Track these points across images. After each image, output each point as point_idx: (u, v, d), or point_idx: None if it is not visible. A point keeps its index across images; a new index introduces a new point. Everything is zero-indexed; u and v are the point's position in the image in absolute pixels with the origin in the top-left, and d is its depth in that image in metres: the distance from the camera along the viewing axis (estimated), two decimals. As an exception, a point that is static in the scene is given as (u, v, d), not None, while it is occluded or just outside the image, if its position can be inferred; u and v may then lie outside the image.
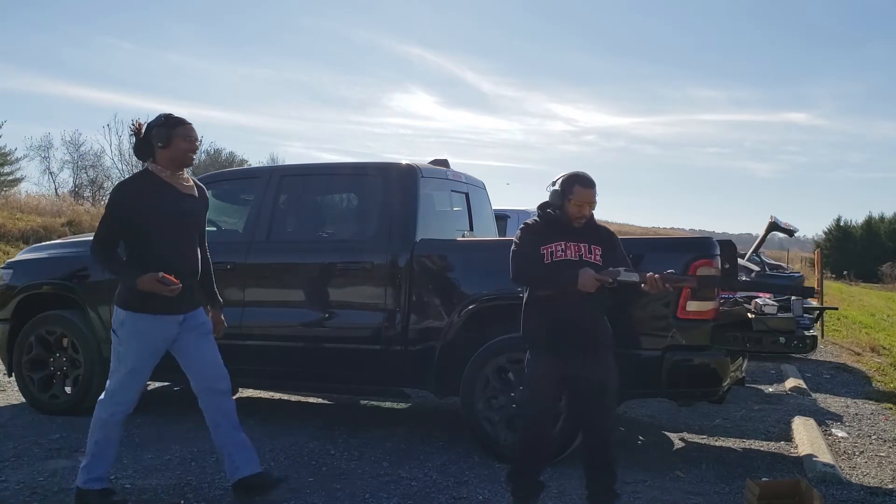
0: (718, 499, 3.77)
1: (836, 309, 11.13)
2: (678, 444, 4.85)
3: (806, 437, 4.80)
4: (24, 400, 5.31)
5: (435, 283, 4.52)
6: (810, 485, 3.57)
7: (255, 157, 56.60)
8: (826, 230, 49.54)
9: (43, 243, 6.13)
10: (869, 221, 48.72)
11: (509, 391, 4.20)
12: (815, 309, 5.66)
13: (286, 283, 4.84)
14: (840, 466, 4.34)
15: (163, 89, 71.54)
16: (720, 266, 4.20)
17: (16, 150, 34.79)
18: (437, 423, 5.16)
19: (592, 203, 3.19)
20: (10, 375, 5.44)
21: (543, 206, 3.25)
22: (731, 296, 4.64)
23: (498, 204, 6.50)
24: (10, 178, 33.96)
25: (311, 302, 4.74)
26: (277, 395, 6.01)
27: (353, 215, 5.31)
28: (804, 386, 6.78)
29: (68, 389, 5.18)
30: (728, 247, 4.44)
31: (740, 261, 6.97)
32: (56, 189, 31.90)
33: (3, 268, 5.68)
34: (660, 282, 3.08)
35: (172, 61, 70.91)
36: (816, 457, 4.37)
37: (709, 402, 4.62)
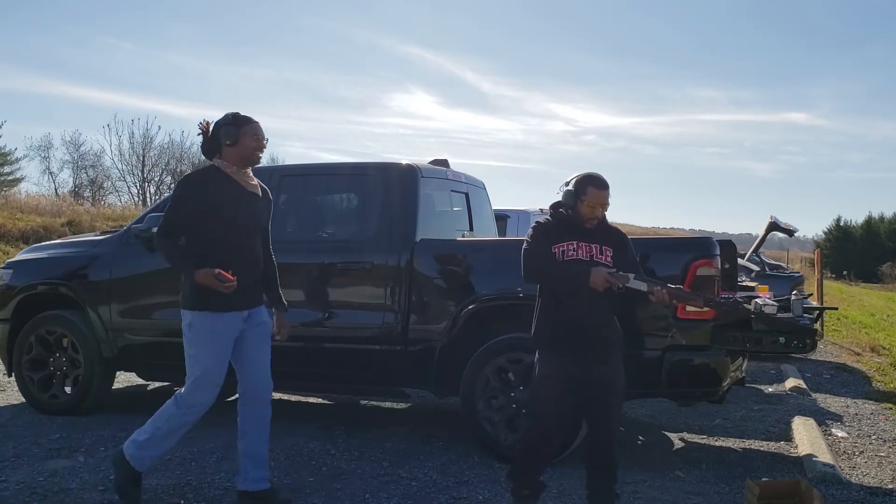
0: (718, 499, 3.77)
1: (836, 309, 11.13)
2: (678, 444, 4.85)
3: (806, 437, 4.80)
4: (24, 400, 5.31)
5: (435, 283, 4.53)
6: (810, 485, 3.57)
7: (255, 157, 56.60)
8: (826, 230, 49.59)
9: (43, 243, 6.14)
10: (869, 221, 48.74)
11: (509, 391, 4.20)
12: (816, 309, 5.65)
13: (286, 284, 4.79)
14: (840, 466, 4.34)
15: (163, 89, 71.53)
16: (720, 266, 4.20)
17: (16, 150, 34.78)
18: (437, 423, 5.16)
19: (605, 204, 3.19)
20: (10, 375, 5.44)
21: (556, 205, 3.26)
22: (731, 296, 4.63)
23: (498, 204, 6.50)
24: (10, 178, 33.94)
25: (311, 302, 4.74)
26: (277, 395, 6.00)
27: (353, 215, 5.31)
28: (804, 386, 6.78)
29: (68, 389, 5.18)
30: (728, 247, 4.45)
31: (740, 261, 6.97)
32: (56, 189, 31.92)
33: (3, 268, 5.68)
34: (667, 296, 3.09)
35: (172, 61, 70.92)
36: (816, 457, 4.37)
37: (709, 402, 4.62)
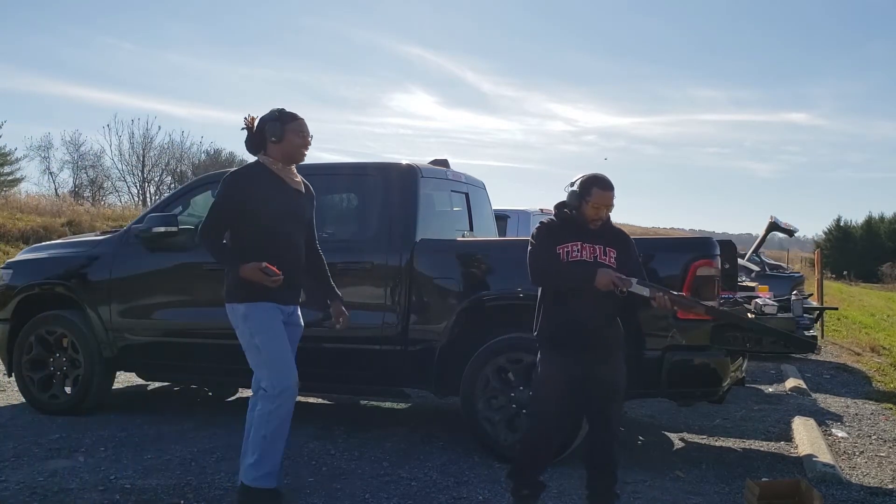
0: (718, 499, 3.77)
1: (836, 309, 11.13)
2: (678, 444, 4.85)
3: (806, 437, 4.80)
4: (24, 400, 5.31)
5: (435, 283, 4.52)
6: (810, 485, 3.56)
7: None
8: (826, 230, 49.60)
9: (43, 243, 6.14)
10: (869, 221, 48.75)
11: (509, 391, 4.20)
12: (815, 309, 5.66)
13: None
14: (840, 466, 4.34)
15: (163, 89, 71.30)
16: (720, 266, 4.20)
17: (16, 150, 34.75)
18: (437, 423, 5.16)
19: (610, 205, 3.19)
20: (10, 375, 5.44)
21: (560, 205, 3.25)
22: (731, 296, 4.63)
23: (498, 204, 6.50)
24: (10, 178, 33.92)
25: (311, 302, 4.72)
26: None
27: (353, 215, 5.30)
28: (804, 386, 6.78)
29: (68, 389, 5.18)
30: (728, 247, 4.45)
31: (740, 261, 6.98)
32: (56, 189, 31.90)
33: (3, 268, 5.68)
34: (668, 303, 3.09)
35: (172, 61, 70.69)
36: (816, 457, 4.37)
37: (709, 402, 4.62)
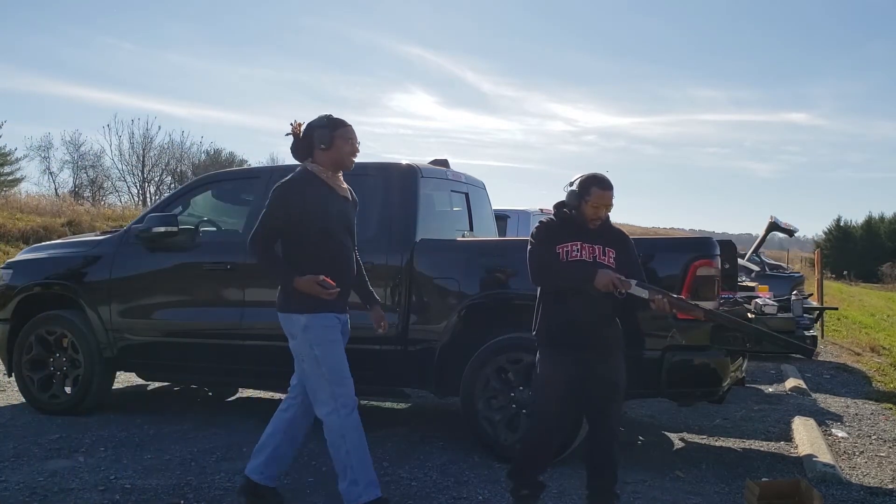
0: (718, 499, 3.77)
1: (836, 309, 11.15)
2: (678, 444, 4.85)
3: (806, 437, 4.80)
4: (24, 400, 5.31)
5: (435, 283, 4.52)
6: (810, 485, 3.56)
7: (255, 157, 56.67)
8: (826, 230, 49.69)
9: (43, 243, 6.14)
10: (869, 221, 48.82)
11: (509, 391, 4.20)
12: (815, 309, 5.67)
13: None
14: (840, 466, 4.34)
15: (163, 89, 71.38)
16: (720, 266, 4.20)
17: (16, 150, 34.76)
18: (437, 423, 5.16)
19: (609, 205, 3.19)
20: (10, 375, 5.44)
21: (559, 205, 3.25)
22: (731, 296, 4.64)
23: (498, 204, 6.50)
24: (10, 178, 33.92)
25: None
26: (278, 395, 6.01)
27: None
28: (804, 386, 6.79)
29: (68, 389, 5.18)
30: (728, 247, 4.45)
31: (740, 261, 6.98)
32: (56, 189, 31.90)
33: (3, 268, 5.68)
34: (667, 306, 3.09)
35: (172, 61, 70.74)
36: (816, 457, 4.37)
37: (709, 402, 4.62)
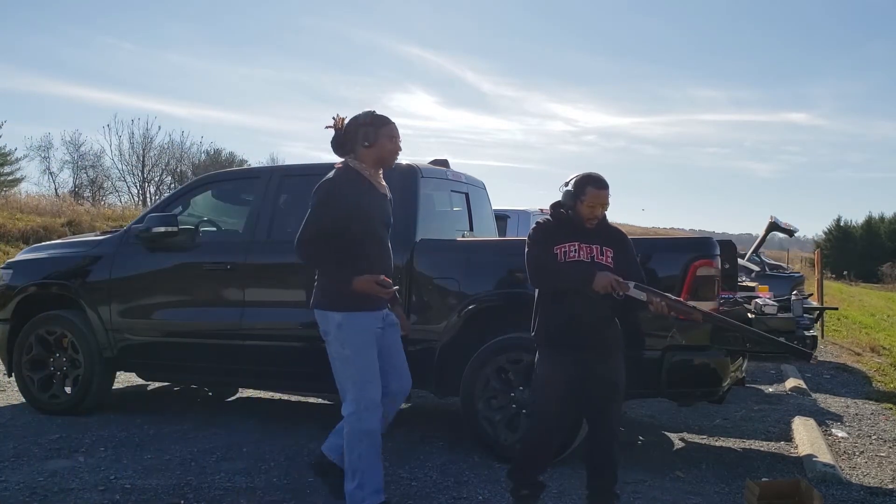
0: (718, 499, 3.77)
1: (836, 309, 11.14)
2: (678, 444, 4.85)
3: (806, 437, 4.80)
4: (24, 400, 5.31)
5: (435, 283, 4.52)
6: (810, 485, 3.56)
7: (255, 157, 56.66)
8: (826, 230, 49.72)
9: (43, 243, 6.14)
10: (869, 221, 48.84)
11: (509, 391, 4.20)
12: (815, 309, 5.67)
13: (286, 283, 4.83)
14: (840, 466, 4.34)
15: (163, 89, 71.34)
16: (720, 266, 4.20)
17: (16, 150, 34.75)
18: (437, 423, 5.16)
19: (605, 204, 3.17)
20: (10, 375, 5.44)
21: (556, 205, 3.24)
22: (731, 296, 4.64)
23: (498, 204, 6.50)
24: (10, 178, 33.91)
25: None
26: (277, 395, 6.01)
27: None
28: (804, 386, 6.79)
29: (68, 389, 5.18)
30: (728, 247, 4.45)
31: (740, 261, 6.98)
32: (56, 189, 31.88)
33: (3, 268, 5.68)
34: (665, 308, 3.07)
35: (172, 61, 70.70)
36: (816, 457, 4.37)
37: (709, 402, 4.62)
